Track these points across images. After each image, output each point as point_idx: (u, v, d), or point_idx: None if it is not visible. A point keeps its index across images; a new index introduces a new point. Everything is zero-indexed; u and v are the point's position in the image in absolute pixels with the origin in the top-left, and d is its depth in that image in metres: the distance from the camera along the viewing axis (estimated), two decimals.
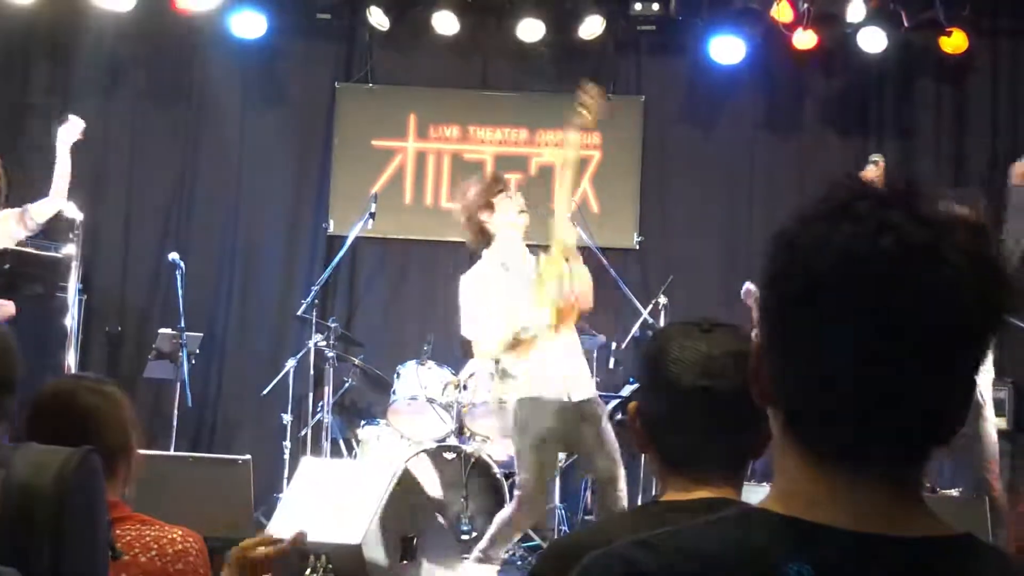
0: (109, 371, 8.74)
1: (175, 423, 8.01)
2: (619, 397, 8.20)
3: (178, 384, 8.10)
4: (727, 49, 9.14)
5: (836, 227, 1.17)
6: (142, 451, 2.93)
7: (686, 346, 1.90)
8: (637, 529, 1.47)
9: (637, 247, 9.43)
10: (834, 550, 1.17)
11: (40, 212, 7.29)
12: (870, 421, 1.18)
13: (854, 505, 1.19)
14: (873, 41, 8.92)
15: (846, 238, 1.16)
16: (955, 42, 8.90)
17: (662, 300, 8.11)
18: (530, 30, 9.26)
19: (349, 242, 8.53)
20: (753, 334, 1.26)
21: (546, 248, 6.36)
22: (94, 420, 2.76)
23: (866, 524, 1.18)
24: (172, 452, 7.58)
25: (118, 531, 2.67)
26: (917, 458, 1.22)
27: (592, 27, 9.19)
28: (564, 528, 7.64)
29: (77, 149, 9.39)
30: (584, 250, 8.68)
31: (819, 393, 1.19)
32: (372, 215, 8.43)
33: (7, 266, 6.57)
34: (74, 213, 7.17)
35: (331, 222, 9.49)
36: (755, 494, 1.37)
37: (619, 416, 8.14)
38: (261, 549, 3.04)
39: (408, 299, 9.60)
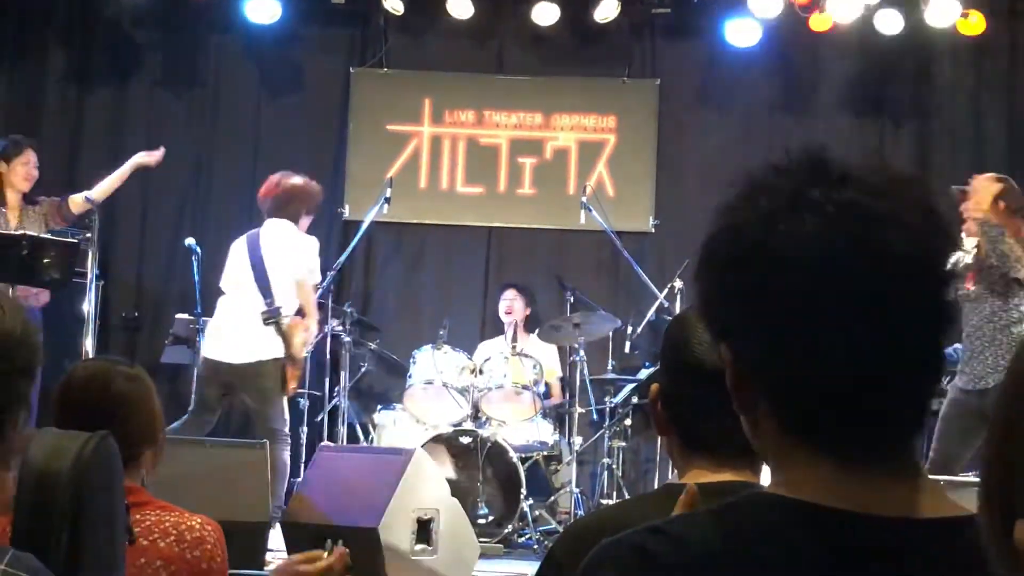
0: (126, 356, 8.74)
1: (192, 408, 8.01)
2: (635, 381, 8.20)
3: (195, 369, 8.10)
4: (743, 31, 9.11)
5: (801, 220, 1.19)
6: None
7: None
8: (656, 513, 1.47)
9: (653, 231, 9.41)
10: (847, 532, 1.17)
11: (76, 204, 7.45)
12: (862, 403, 1.19)
13: (859, 488, 1.19)
14: (890, 23, 8.88)
15: (819, 229, 1.18)
16: (972, 24, 8.84)
17: (678, 284, 8.10)
18: (545, 13, 9.23)
19: (364, 227, 8.53)
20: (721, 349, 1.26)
21: None
22: (126, 406, 2.77)
23: (875, 506, 1.18)
24: (189, 437, 7.59)
25: (137, 516, 2.68)
26: (911, 437, 1.23)
27: (607, 10, 9.16)
28: (580, 512, 7.64)
29: (89, 134, 9.48)
30: (599, 234, 8.71)
31: (811, 382, 1.19)
32: (387, 200, 8.43)
33: (24, 252, 6.59)
34: (91, 199, 7.21)
35: (346, 207, 9.49)
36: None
37: (635, 400, 8.15)
38: (306, 567, 2.99)
39: (423, 284, 9.60)
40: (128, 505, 2.34)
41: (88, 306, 7.10)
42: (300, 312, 7.17)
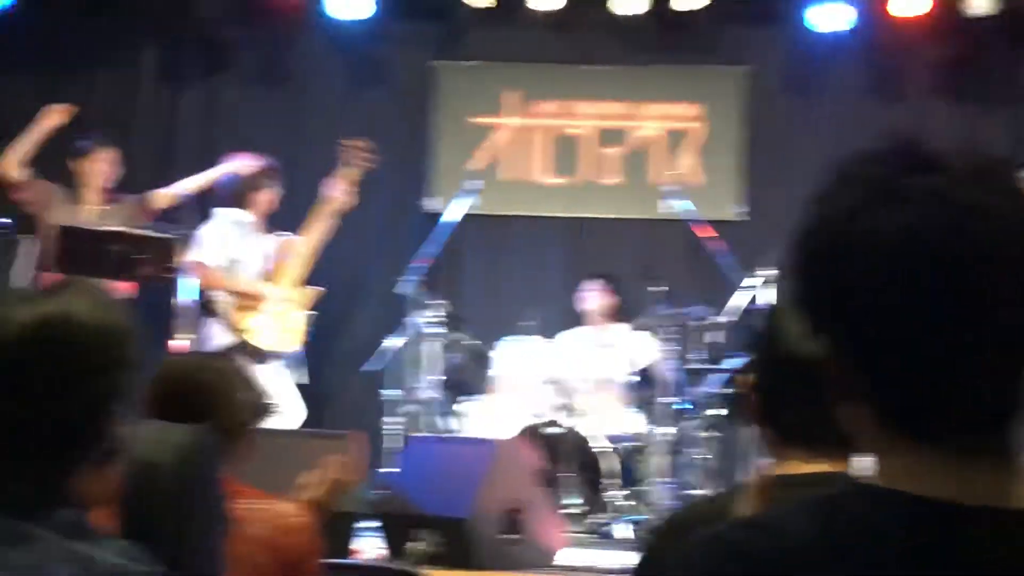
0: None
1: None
2: (724, 370, 8.14)
3: (289, 361, 8.20)
4: (831, 16, 9.00)
5: (892, 210, 1.17)
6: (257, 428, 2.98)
7: None
8: (753, 504, 1.46)
9: (741, 219, 9.34)
10: (947, 523, 1.16)
11: (158, 200, 7.59)
12: (960, 393, 1.18)
13: (959, 478, 1.18)
14: (982, 3, 8.72)
15: (910, 220, 1.17)
16: None
17: (767, 273, 8.02)
18: (631, 2, 9.18)
19: (450, 219, 8.57)
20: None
21: None
22: (216, 398, 2.81)
23: (976, 497, 1.17)
24: (282, 427, 7.68)
25: (232, 505, 2.73)
26: (1011, 426, 1.21)
27: None
28: (670, 503, 7.62)
29: (181, 132, 9.63)
30: (688, 223, 8.66)
31: (908, 373, 1.18)
32: (472, 192, 8.46)
33: (117, 247, 6.71)
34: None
35: (432, 200, 9.54)
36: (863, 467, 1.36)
37: (724, 390, 8.10)
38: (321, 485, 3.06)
39: (509, 275, 9.62)
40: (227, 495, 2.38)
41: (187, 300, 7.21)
42: None
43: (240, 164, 8.01)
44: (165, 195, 7.68)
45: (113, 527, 1.97)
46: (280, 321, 7.56)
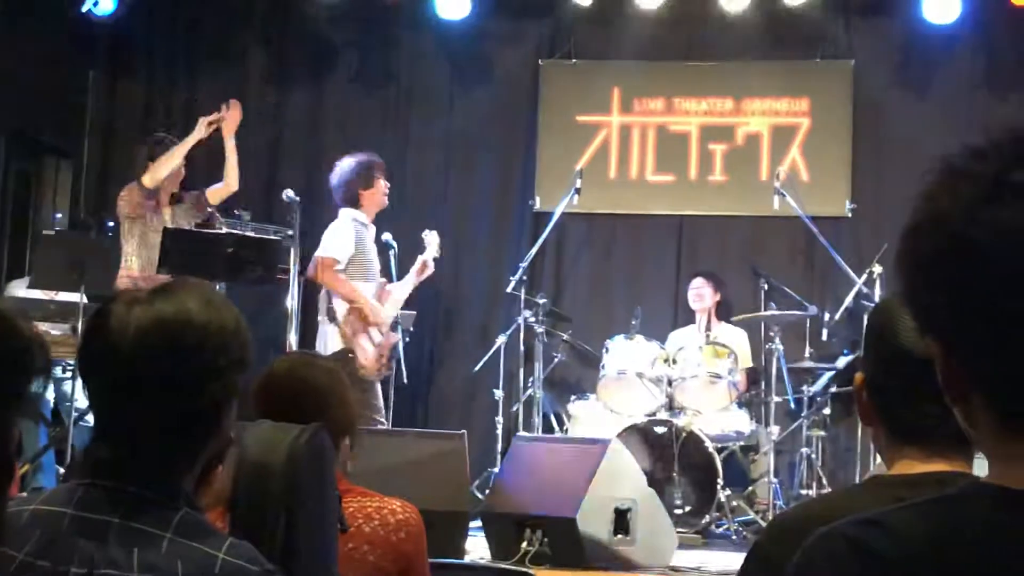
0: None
1: (391, 399, 8.19)
2: (834, 369, 8.04)
3: (393, 361, 8.26)
4: (941, 7, 8.83)
5: (1005, 206, 1.14)
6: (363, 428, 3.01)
7: None
8: (867, 504, 1.44)
9: (849, 215, 9.21)
10: None
11: (216, 195, 7.66)
12: None
13: None
14: None
15: (1021, 216, 1.13)
16: None
17: (877, 269, 7.90)
18: None
19: (555, 218, 8.58)
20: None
21: None
22: (325, 398, 2.84)
23: None
24: (390, 427, 7.75)
25: (341, 503, 2.75)
26: None
27: None
28: (779, 503, 7.54)
29: (288, 134, 9.75)
30: (793, 220, 8.56)
31: (1010, 364, 1.15)
32: (578, 191, 8.46)
33: (230, 250, 6.81)
34: (291, 197, 7.39)
35: (537, 199, 9.55)
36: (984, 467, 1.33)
37: (833, 388, 7.99)
38: None
39: (615, 273, 9.60)
40: (338, 494, 2.41)
41: (291, 302, 7.31)
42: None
43: (233, 119, 7.86)
44: (217, 190, 7.71)
45: (225, 527, 2.00)
46: (381, 352, 7.58)
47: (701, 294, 8.66)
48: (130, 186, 7.53)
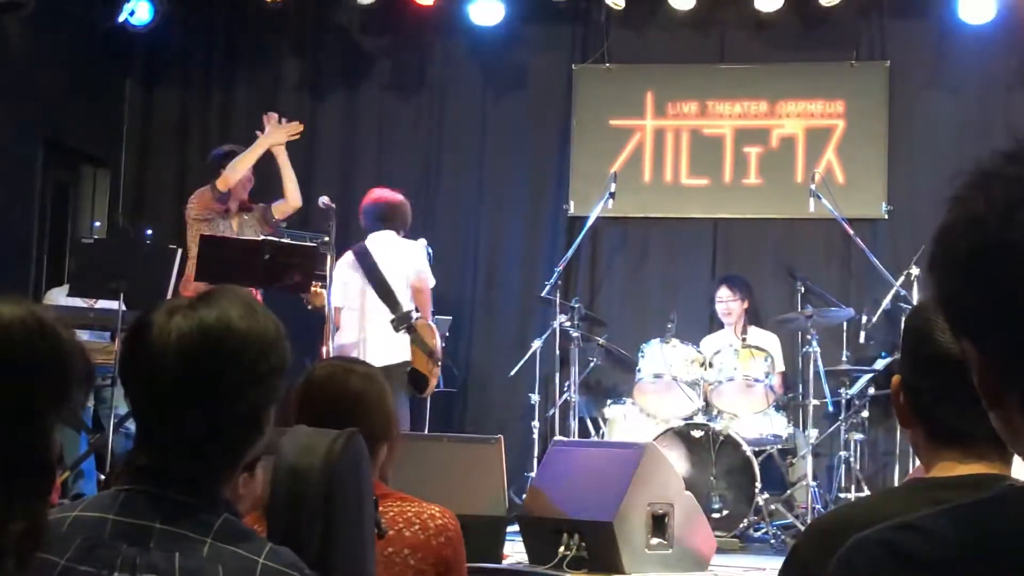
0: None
1: (428, 404, 8.21)
2: (872, 371, 8.00)
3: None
4: (976, 8, 8.77)
5: None
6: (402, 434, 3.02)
7: None
8: (906, 507, 1.44)
9: (886, 216, 9.16)
10: None
11: (279, 211, 7.76)
12: None
13: None
14: None
15: None
16: None
17: (914, 271, 7.87)
18: None
19: (590, 222, 8.58)
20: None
21: None
22: (363, 404, 2.86)
23: None
24: (427, 432, 7.77)
25: (381, 508, 2.76)
26: None
27: None
28: (818, 506, 7.51)
29: (322, 141, 9.80)
30: (829, 222, 8.53)
31: None
32: (612, 195, 8.46)
33: (267, 256, 6.85)
34: (327, 204, 7.44)
35: (572, 203, 9.55)
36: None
37: (871, 391, 7.96)
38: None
39: (650, 277, 9.58)
40: (376, 499, 2.42)
41: (328, 307, 7.33)
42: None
43: (284, 131, 7.92)
44: (279, 206, 7.81)
45: (262, 531, 2.01)
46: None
47: (729, 308, 8.58)
48: (201, 190, 7.64)
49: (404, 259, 7.57)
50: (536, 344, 8.35)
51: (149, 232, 9.06)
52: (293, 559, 1.79)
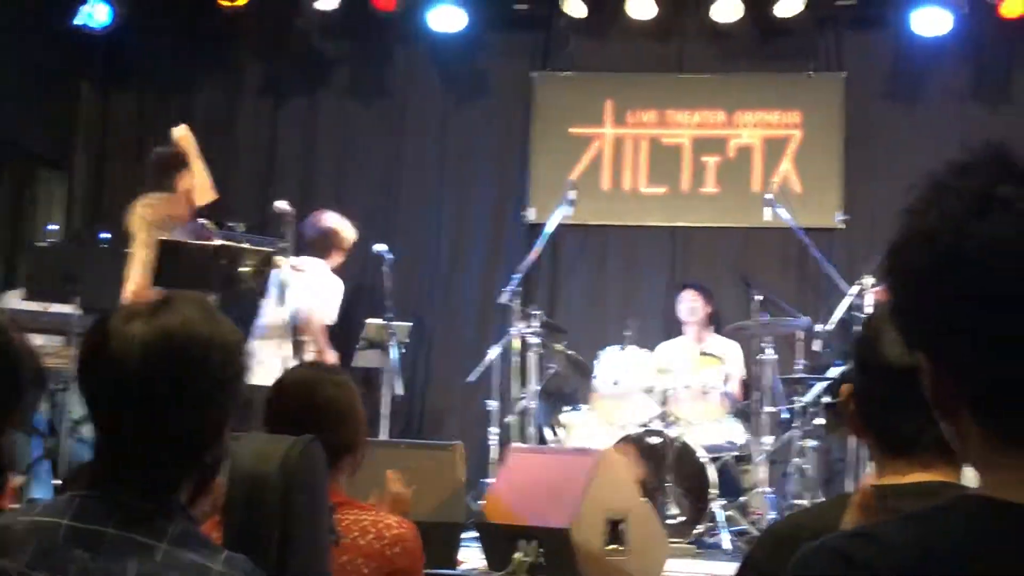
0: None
1: (386, 411, 8.19)
2: (826, 379, 8.05)
3: (387, 372, 8.27)
4: (931, 21, 8.86)
5: (994, 221, 1.16)
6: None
7: None
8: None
9: (842, 226, 9.24)
10: None
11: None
12: None
13: None
14: None
15: (1014, 230, 1.15)
16: None
17: (868, 281, 7.92)
18: (727, 10, 9.15)
19: (549, 229, 8.59)
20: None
21: None
22: (333, 411, 2.85)
23: None
24: (384, 438, 7.75)
25: (337, 516, 2.76)
26: None
27: (791, 4, 9.03)
28: (772, 513, 7.55)
29: (282, 146, 9.76)
30: (785, 231, 8.59)
31: (1017, 387, 1.16)
32: (571, 202, 8.47)
33: (223, 261, 6.81)
34: (284, 208, 7.39)
35: (531, 210, 9.57)
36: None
37: (826, 399, 8.01)
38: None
39: (608, 284, 9.61)
40: (332, 506, 2.41)
41: (284, 313, 7.30)
42: None
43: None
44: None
45: (218, 537, 2.01)
46: None
47: (693, 307, 8.69)
48: (167, 196, 7.35)
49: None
50: (495, 350, 8.35)
51: (105, 236, 8.99)
52: (250, 567, 1.79)
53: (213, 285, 6.75)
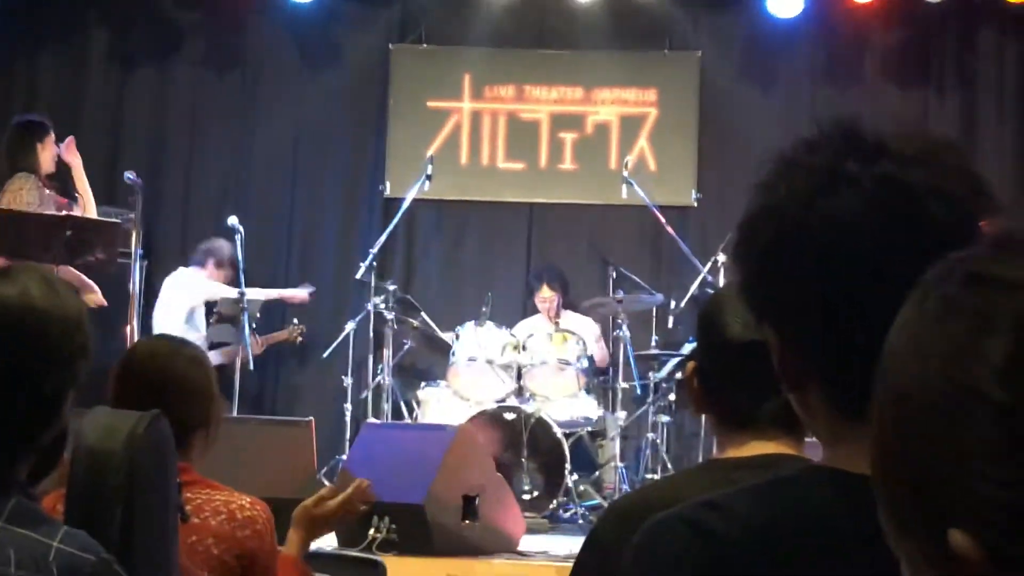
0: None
1: (237, 386, 8.08)
2: (679, 355, 8.17)
3: (239, 347, 8.16)
4: (785, 2, 9.03)
5: (840, 196, 1.17)
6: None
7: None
8: (703, 487, 1.47)
9: (695, 204, 9.37)
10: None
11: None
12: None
13: None
14: None
15: (859, 205, 1.16)
16: None
17: (721, 258, 8.05)
18: None
19: (406, 204, 8.54)
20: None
21: None
22: (185, 387, 2.77)
23: None
24: (236, 415, 7.65)
25: (188, 495, 2.70)
26: None
27: None
28: (624, 487, 7.65)
29: (131, 117, 9.52)
30: (641, 208, 8.68)
31: (860, 360, 1.17)
32: (429, 177, 8.43)
33: (68, 232, 6.63)
34: (133, 179, 7.22)
35: (388, 184, 9.51)
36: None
37: (678, 375, 8.13)
38: (327, 504, 3.08)
39: (466, 260, 9.61)
40: (180, 484, 2.36)
41: (133, 286, 7.15)
42: None
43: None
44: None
45: (60, 514, 1.95)
46: None
47: (548, 303, 8.55)
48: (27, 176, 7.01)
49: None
50: (350, 326, 8.30)
51: None
52: (90, 543, 1.74)
53: (58, 256, 6.57)
